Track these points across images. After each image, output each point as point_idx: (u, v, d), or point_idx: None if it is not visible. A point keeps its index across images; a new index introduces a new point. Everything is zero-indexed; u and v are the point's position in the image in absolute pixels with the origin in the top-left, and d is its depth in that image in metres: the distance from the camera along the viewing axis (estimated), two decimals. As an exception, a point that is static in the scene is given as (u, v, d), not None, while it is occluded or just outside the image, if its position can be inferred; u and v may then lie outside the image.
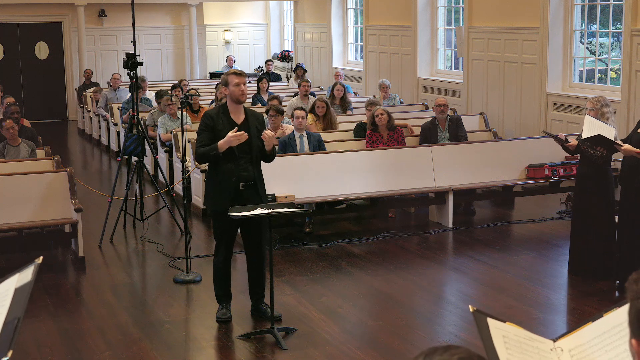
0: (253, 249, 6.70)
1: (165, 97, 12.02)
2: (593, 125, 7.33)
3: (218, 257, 6.70)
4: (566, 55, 12.63)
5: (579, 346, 2.19)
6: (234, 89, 6.46)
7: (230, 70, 6.61)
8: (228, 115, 6.51)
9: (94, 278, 8.02)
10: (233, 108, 6.53)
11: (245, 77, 6.53)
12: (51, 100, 19.78)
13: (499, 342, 2.13)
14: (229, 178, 6.45)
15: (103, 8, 19.86)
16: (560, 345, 2.22)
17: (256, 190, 6.56)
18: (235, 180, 6.45)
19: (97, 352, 6.16)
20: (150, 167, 11.62)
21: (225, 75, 6.56)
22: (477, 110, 13.39)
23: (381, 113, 10.10)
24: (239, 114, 6.54)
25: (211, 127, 6.47)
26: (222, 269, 6.71)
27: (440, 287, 7.82)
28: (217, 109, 6.61)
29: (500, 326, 2.18)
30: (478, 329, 2.16)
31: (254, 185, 6.54)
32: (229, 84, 6.47)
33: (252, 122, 6.56)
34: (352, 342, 6.28)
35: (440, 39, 16.02)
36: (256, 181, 6.55)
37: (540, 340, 2.23)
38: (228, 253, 6.69)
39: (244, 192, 6.49)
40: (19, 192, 8.31)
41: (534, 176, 9.92)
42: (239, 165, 6.46)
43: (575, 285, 7.56)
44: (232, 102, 6.53)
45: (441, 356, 1.68)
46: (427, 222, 9.86)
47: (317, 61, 20.19)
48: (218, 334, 6.54)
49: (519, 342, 2.17)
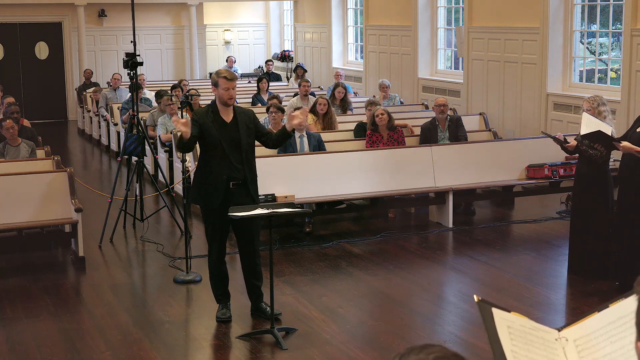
0: (246, 248, 6.69)
1: (165, 97, 12.02)
2: (591, 122, 7.35)
3: (212, 256, 6.69)
4: (566, 55, 12.63)
5: (584, 336, 2.18)
6: (223, 92, 6.45)
7: (221, 72, 6.53)
8: (217, 114, 6.50)
9: (94, 278, 8.02)
10: (222, 108, 6.53)
11: (234, 82, 6.50)
12: (51, 100, 19.77)
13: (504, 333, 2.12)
14: (219, 177, 6.44)
15: (103, 8, 19.85)
16: (565, 335, 2.20)
17: (247, 190, 6.52)
18: (226, 179, 6.44)
19: (97, 352, 6.16)
20: (150, 167, 11.62)
21: (216, 76, 6.52)
22: (477, 110, 13.38)
23: (381, 113, 10.10)
24: (227, 114, 6.53)
25: (199, 123, 6.44)
26: (217, 268, 6.70)
27: (440, 287, 7.82)
28: (207, 108, 6.60)
29: (505, 316, 2.17)
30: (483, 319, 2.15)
31: (244, 185, 6.51)
32: (218, 86, 6.47)
33: (242, 119, 6.54)
34: (352, 342, 6.28)
35: (440, 39, 16.02)
36: (247, 180, 6.52)
37: (545, 330, 2.22)
38: (221, 253, 6.68)
39: (233, 191, 6.47)
40: (19, 192, 8.31)
41: (534, 176, 9.92)
42: (230, 164, 6.45)
43: (575, 285, 7.56)
44: (220, 103, 6.53)
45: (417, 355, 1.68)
46: (427, 222, 9.86)
47: (317, 61, 20.19)
48: (218, 334, 6.54)
49: (523, 332, 2.16)
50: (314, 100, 11.87)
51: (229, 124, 6.48)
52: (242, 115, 6.57)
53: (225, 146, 6.41)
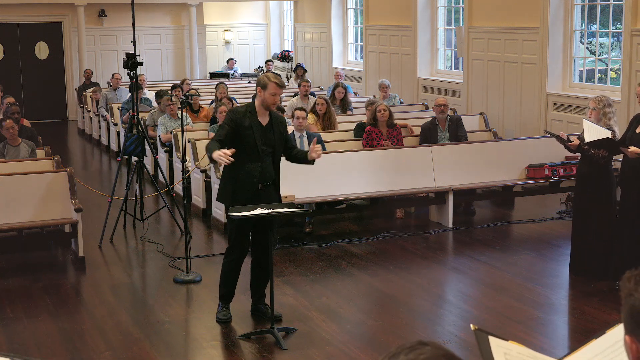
0: (262, 250, 6.69)
1: (165, 97, 12.01)
2: (592, 129, 7.34)
3: (231, 256, 6.66)
4: (566, 55, 12.64)
5: None
6: (269, 97, 6.44)
7: (273, 77, 6.48)
8: (255, 116, 6.51)
9: (94, 278, 8.02)
10: (261, 111, 6.53)
11: (283, 89, 6.56)
12: (51, 100, 19.77)
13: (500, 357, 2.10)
14: (251, 178, 6.47)
15: (103, 8, 19.85)
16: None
17: (273, 192, 6.61)
18: (257, 181, 6.48)
19: (97, 352, 6.16)
20: (150, 167, 11.62)
21: (267, 79, 6.46)
22: (477, 110, 13.38)
23: (383, 109, 10.12)
24: (265, 117, 6.56)
25: (236, 123, 6.44)
26: (233, 269, 6.67)
27: (440, 287, 7.82)
28: (245, 108, 6.59)
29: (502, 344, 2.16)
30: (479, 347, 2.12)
31: (272, 185, 6.60)
32: (266, 89, 6.43)
33: (277, 125, 6.60)
34: (352, 342, 6.28)
35: (440, 39, 16.02)
36: (275, 182, 6.62)
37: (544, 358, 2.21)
38: (242, 254, 6.66)
39: (262, 192, 6.52)
40: (19, 192, 8.31)
41: (534, 176, 9.92)
42: (262, 166, 6.49)
43: (575, 285, 7.56)
44: (261, 106, 6.52)
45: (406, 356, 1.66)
46: (427, 222, 9.86)
47: (317, 61, 20.19)
48: (218, 334, 6.54)
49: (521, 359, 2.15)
50: (313, 100, 11.87)
51: (265, 127, 6.51)
52: (277, 121, 6.62)
53: (261, 149, 6.45)
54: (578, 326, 6.67)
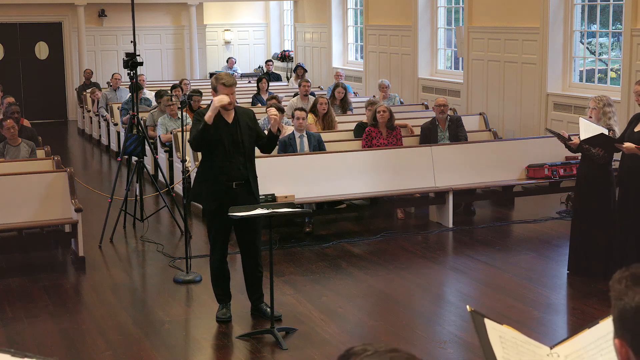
0: (247, 249, 6.69)
1: (165, 97, 12.02)
2: (589, 127, 7.35)
3: (214, 256, 6.70)
4: (566, 55, 12.64)
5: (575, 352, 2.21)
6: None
7: (220, 78, 6.46)
8: (219, 115, 6.48)
9: (94, 278, 8.02)
10: (222, 110, 6.51)
11: (233, 87, 6.47)
12: (51, 100, 19.77)
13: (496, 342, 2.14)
14: (222, 176, 6.44)
15: (103, 8, 19.85)
16: (556, 351, 2.22)
17: (249, 189, 6.54)
18: (228, 179, 6.44)
19: (97, 352, 6.16)
20: (150, 167, 11.62)
21: (215, 81, 6.46)
22: (477, 110, 13.38)
23: (383, 110, 10.11)
24: (228, 114, 6.51)
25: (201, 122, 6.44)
26: (218, 268, 6.70)
27: (440, 287, 7.82)
28: (208, 109, 6.60)
29: (497, 327, 2.19)
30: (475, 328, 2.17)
31: (246, 184, 6.52)
32: (217, 92, 6.44)
33: (243, 119, 6.54)
34: (352, 342, 6.28)
35: (440, 39, 16.02)
36: (249, 180, 6.54)
37: (536, 345, 2.23)
38: (223, 252, 6.69)
39: (236, 191, 6.47)
40: (19, 192, 8.31)
41: (534, 176, 9.92)
42: (232, 164, 6.45)
43: (575, 285, 7.56)
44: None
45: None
46: (427, 222, 9.86)
47: (317, 61, 20.19)
48: (218, 334, 6.54)
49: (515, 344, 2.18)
50: (313, 100, 11.87)
51: (230, 124, 6.48)
52: (243, 116, 6.58)
53: (228, 146, 6.41)
54: (577, 326, 6.67)
